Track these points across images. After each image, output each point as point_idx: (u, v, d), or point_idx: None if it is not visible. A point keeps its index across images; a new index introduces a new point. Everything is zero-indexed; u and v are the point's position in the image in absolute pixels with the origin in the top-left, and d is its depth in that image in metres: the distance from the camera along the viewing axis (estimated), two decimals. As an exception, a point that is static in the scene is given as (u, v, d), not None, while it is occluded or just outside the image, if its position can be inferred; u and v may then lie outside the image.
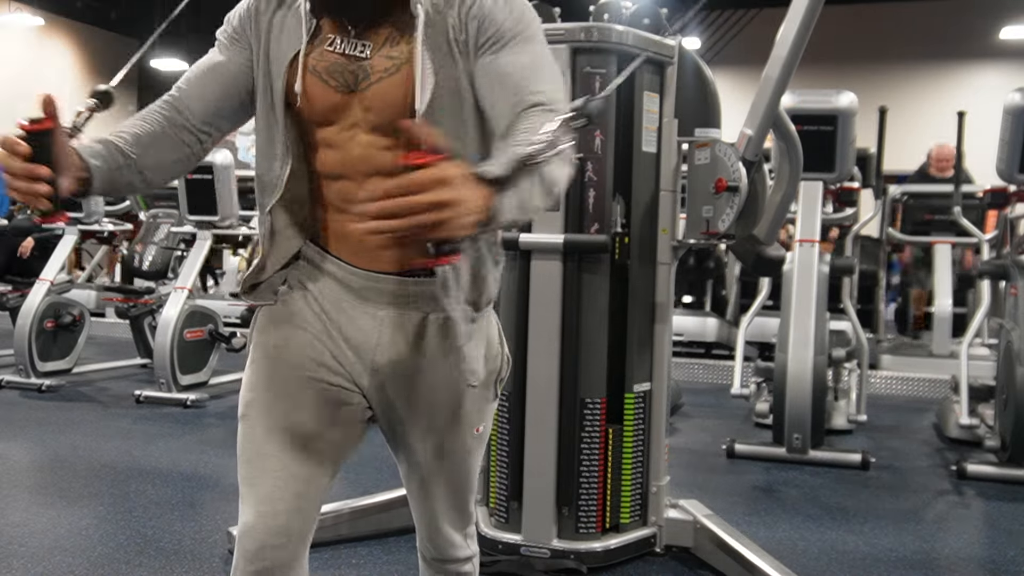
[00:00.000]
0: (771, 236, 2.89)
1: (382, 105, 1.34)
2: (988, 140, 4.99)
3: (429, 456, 1.48)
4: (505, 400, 2.82)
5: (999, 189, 5.15)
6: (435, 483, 1.51)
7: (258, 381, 1.43)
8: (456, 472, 1.51)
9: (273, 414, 1.40)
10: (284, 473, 1.38)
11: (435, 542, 1.57)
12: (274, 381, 1.42)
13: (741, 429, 4.87)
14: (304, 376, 1.41)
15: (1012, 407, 3.89)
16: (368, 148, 1.36)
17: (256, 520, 1.36)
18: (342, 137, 1.37)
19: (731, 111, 3.14)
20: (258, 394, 1.42)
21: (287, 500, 1.37)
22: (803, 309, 4.21)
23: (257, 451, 1.40)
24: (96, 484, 3.59)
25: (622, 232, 2.77)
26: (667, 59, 2.80)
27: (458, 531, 1.57)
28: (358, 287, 1.41)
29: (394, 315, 1.40)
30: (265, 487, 1.38)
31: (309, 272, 1.45)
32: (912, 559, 2.97)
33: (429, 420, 1.45)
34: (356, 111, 1.37)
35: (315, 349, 1.42)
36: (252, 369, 1.45)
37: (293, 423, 1.40)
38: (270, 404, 1.41)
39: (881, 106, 5.51)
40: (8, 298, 6.33)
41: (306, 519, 1.39)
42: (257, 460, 1.39)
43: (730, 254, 7.04)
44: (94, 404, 5.25)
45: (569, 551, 2.71)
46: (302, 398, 1.41)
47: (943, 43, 12.87)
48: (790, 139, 3.00)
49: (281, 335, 1.43)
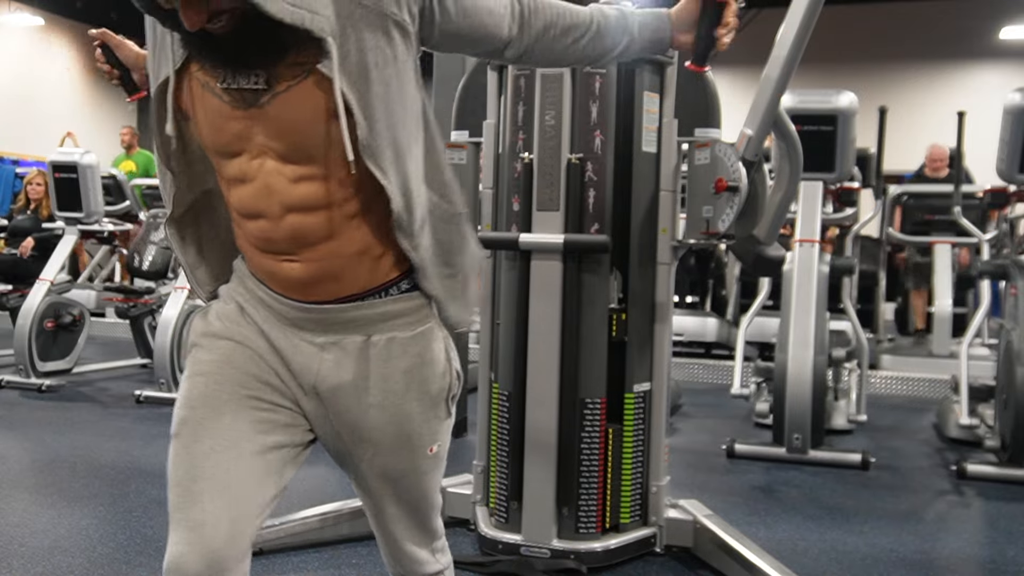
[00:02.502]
0: (771, 236, 2.89)
1: (293, 118, 1.22)
2: (988, 140, 4.99)
3: (380, 482, 1.43)
4: (505, 400, 2.82)
5: (999, 189, 5.15)
6: (390, 506, 1.45)
7: (194, 398, 1.33)
8: (411, 494, 1.45)
9: (209, 433, 1.30)
10: (219, 497, 1.28)
11: (400, 561, 1.52)
12: (211, 399, 1.32)
13: (741, 429, 4.87)
14: (244, 395, 1.33)
15: (1012, 407, 3.89)
16: (280, 179, 1.25)
17: (187, 549, 1.26)
18: (251, 168, 1.26)
19: (731, 111, 3.14)
20: (193, 412, 1.32)
21: (221, 527, 1.27)
22: (803, 309, 4.21)
23: (189, 473, 1.29)
24: (96, 484, 3.59)
25: (619, 308, 2.76)
26: (667, 59, 2.80)
27: (423, 548, 1.51)
28: (292, 317, 1.35)
29: (334, 340, 1.34)
30: (197, 514, 1.27)
31: (243, 292, 1.39)
32: (912, 559, 2.97)
33: (376, 445, 1.39)
34: (260, 136, 1.24)
35: (258, 366, 1.35)
36: (188, 384, 1.35)
37: (230, 443, 1.30)
38: (206, 422, 1.31)
39: (881, 106, 5.51)
40: (8, 298, 6.33)
41: (241, 546, 1.29)
42: (189, 483, 1.29)
43: (730, 254, 7.04)
44: (94, 404, 5.25)
45: (569, 551, 2.71)
46: (240, 417, 1.32)
47: (943, 43, 12.88)
48: (790, 139, 3.00)
49: (221, 352, 1.35)
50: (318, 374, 1.35)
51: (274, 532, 2.86)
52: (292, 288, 1.33)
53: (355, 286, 1.33)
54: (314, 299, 1.33)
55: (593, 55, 1.46)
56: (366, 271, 1.33)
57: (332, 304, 1.33)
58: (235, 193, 1.30)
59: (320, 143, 1.23)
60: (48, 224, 6.56)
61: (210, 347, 1.37)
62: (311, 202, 1.26)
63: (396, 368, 1.36)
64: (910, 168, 7.98)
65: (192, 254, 1.43)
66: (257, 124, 1.23)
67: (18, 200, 7.33)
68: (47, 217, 6.57)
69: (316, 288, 1.32)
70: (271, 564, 2.77)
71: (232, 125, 1.24)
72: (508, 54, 1.41)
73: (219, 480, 1.29)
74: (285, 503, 3.22)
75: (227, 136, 1.25)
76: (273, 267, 1.32)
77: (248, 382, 1.34)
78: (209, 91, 1.24)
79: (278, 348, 1.35)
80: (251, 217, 1.30)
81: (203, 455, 1.30)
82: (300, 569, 2.76)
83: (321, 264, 1.30)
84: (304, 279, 1.31)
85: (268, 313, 1.36)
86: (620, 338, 2.77)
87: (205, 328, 1.39)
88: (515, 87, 2.80)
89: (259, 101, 1.22)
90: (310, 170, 1.25)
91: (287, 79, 1.21)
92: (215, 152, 1.29)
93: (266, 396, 1.35)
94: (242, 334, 1.37)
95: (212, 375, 1.34)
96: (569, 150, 2.70)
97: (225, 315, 1.39)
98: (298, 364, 1.35)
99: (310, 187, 1.25)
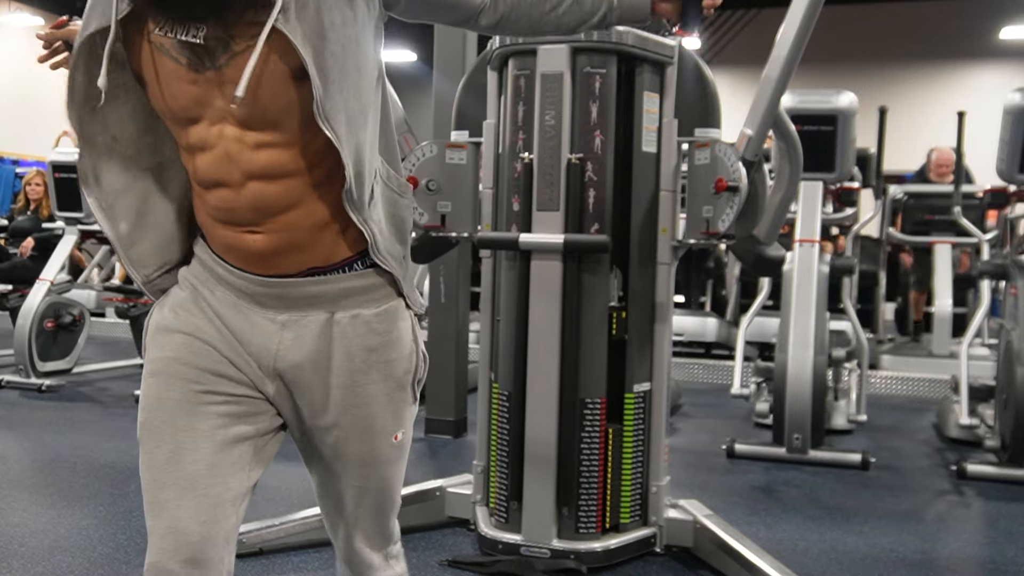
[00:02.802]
0: (771, 236, 2.89)
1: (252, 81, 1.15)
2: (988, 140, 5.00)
3: (342, 467, 1.38)
4: (505, 400, 2.82)
5: (999, 189, 5.16)
6: (350, 496, 1.41)
7: (150, 402, 1.31)
8: (374, 484, 1.40)
9: (166, 437, 1.28)
10: (186, 502, 1.26)
11: (352, 563, 1.47)
12: (165, 401, 1.29)
13: (741, 429, 4.87)
14: (197, 391, 1.29)
15: (1012, 407, 3.89)
16: (240, 146, 1.20)
17: (160, 557, 1.25)
18: (210, 135, 1.21)
19: (731, 111, 3.14)
20: (150, 415, 1.30)
21: (192, 531, 1.25)
22: (803, 309, 4.21)
23: (155, 480, 1.28)
24: (96, 484, 3.59)
25: (619, 307, 2.76)
26: (667, 59, 2.80)
27: (377, 551, 1.46)
28: (252, 292, 1.30)
29: (295, 317, 1.30)
30: (167, 520, 1.26)
31: (200, 273, 1.34)
32: (912, 559, 2.97)
33: (340, 428, 1.34)
34: (219, 100, 1.19)
35: (210, 359, 1.30)
36: (144, 387, 1.33)
37: (189, 445, 1.28)
38: (163, 427, 1.29)
39: (881, 106, 5.52)
40: (8, 298, 6.33)
41: (218, 546, 1.28)
42: (156, 490, 1.27)
43: (730, 254, 7.04)
44: (94, 404, 5.25)
45: (569, 551, 2.71)
46: (196, 416, 1.29)
47: (943, 43, 12.88)
48: (790, 139, 3.00)
49: (171, 349, 1.31)
50: (277, 353, 1.31)
51: (274, 532, 2.86)
52: (253, 261, 1.28)
53: (318, 258, 1.29)
54: (275, 272, 1.29)
55: (572, 23, 1.43)
56: (329, 244, 1.29)
57: (293, 278, 1.29)
58: (194, 162, 1.25)
59: (280, 107, 1.19)
60: (48, 224, 6.56)
61: (162, 344, 1.33)
62: (273, 170, 1.22)
63: (360, 346, 1.32)
64: (910, 168, 7.98)
65: (124, 230, 1.34)
66: (215, 88, 1.18)
67: (18, 200, 7.33)
68: (47, 217, 6.57)
69: (277, 260, 1.28)
70: (271, 564, 2.77)
71: (189, 89, 1.19)
72: (483, 22, 1.38)
73: (182, 485, 1.27)
74: (285, 503, 3.24)
75: (184, 100, 1.20)
76: (233, 240, 1.27)
77: (201, 377, 1.30)
78: (164, 53, 1.19)
79: (234, 331, 1.31)
80: (211, 187, 1.25)
81: (164, 461, 1.28)
82: (300, 569, 2.75)
83: (282, 236, 1.26)
84: (265, 251, 1.27)
85: (226, 291, 1.31)
86: (620, 336, 2.77)
87: (159, 321, 1.35)
88: (515, 87, 2.80)
89: (216, 63, 1.17)
90: (271, 136, 1.21)
91: (245, 39, 1.16)
92: (173, 119, 1.24)
93: (222, 389, 1.30)
94: (194, 324, 1.32)
95: (163, 375, 1.31)
96: (569, 150, 2.70)
97: (179, 303, 1.34)
98: (256, 345, 1.31)
99: (271, 154, 1.21)
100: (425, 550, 2.87)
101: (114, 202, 1.32)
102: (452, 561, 2.78)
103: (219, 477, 1.29)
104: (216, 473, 1.28)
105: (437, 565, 2.77)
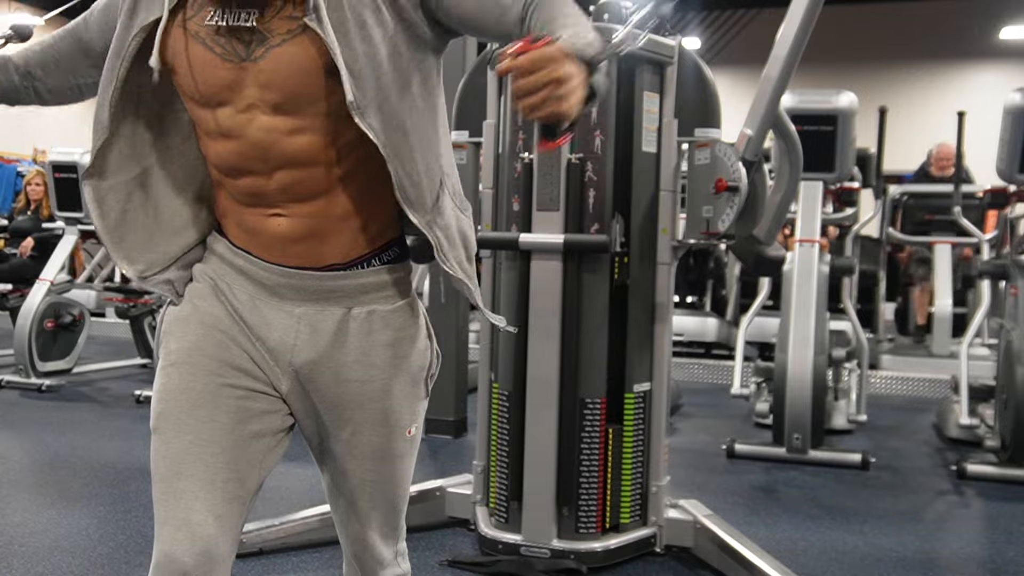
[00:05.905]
0: (771, 236, 2.89)
1: (287, 73, 1.19)
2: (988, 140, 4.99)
3: (356, 462, 1.38)
4: (505, 400, 2.82)
5: (999, 189, 5.15)
6: (363, 492, 1.41)
7: (169, 391, 1.30)
8: (387, 479, 1.41)
9: (187, 427, 1.27)
10: (203, 494, 1.25)
11: (362, 560, 1.46)
12: (186, 391, 1.29)
13: (741, 429, 4.87)
14: (219, 383, 1.29)
15: (1012, 407, 3.89)
16: (271, 134, 1.23)
17: (174, 548, 1.24)
18: (238, 122, 1.23)
19: (731, 111, 3.14)
20: (170, 405, 1.29)
21: (208, 524, 1.25)
22: (803, 309, 4.21)
23: (171, 469, 1.27)
24: (96, 484, 3.59)
25: (621, 252, 2.76)
26: (667, 59, 2.80)
27: (388, 547, 1.47)
28: (271, 284, 1.31)
29: (312, 312, 1.31)
30: (183, 512, 1.25)
31: (218, 268, 1.35)
32: (912, 559, 2.97)
33: (355, 423, 1.35)
34: (251, 88, 1.21)
35: (230, 352, 1.31)
36: (162, 377, 1.32)
37: (209, 437, 1.27)
38: (184, 416, 1.28)
39: (881, 106, 5.51)
40: (8, 298, 6.33)
41: (229, 542, 1.27)
42: (172, 480, 1.26)
43: (730, 254, 7.04)
44: (94, 404, 5.25)
45: (569, 551, 2.71)
46: (218, 408, 1.29)
47: (943, 43, 12.89)
48: (790, 139, 3.00)
49: (192, 339, 1.31)
50: (294, 348, 1.31)
51: (274, 532, 2.86)
52: (274, 248, 1.29)
53: (337, 252, 1.30)
54: (295, 263, 1.30)
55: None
56: (349, 238, 1.30)
57: (313, 271, 1.30)
58: (217, 148, 1.27)
59: (314, 98, 1.21)
60: (48, 224, 6.56)
61: (181, 334, 1.33)
62: (303, 158, 1.23)
63: (377, 342, 1.33)
64: (910, 168, 7.98)
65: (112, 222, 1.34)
66: (249, 75, 1.21)
67: (18, 200, 7.33)
68: (47, 217, 6.57)
69: (299, 247, 1.29)
70: (271, 564, 2.77)
71: (222, 74, 1.22)
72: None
73: (202, 476, 1.26)
74: (285, 503, 3.24)
75: (214, 85, 1.22)
76: (257, 223, 1.29)
77: (221, 370, 1.30)
78: (199, 42, 1.22)
79: (251, 326, 1.32)
80: (236, 174, 1.27)
81: (184, 450, 1.27)
82: (300, 569, 2.76)
83: (307, 221, 1.27)
84: (288, 235, 1.28)
85: (245, 283, 1.32)
86: (623, 280, 2.76)
87: (177, 312, 1.35)
88: (515, 87, 2.79)
89: (252, 55, 1.20)
90: (303, 122, 1.22)
91: (281, 32, 1.19)
92: (197, 102, 1.25)
93: (241, 383, 1.31)
94: (213, 316, 1.32)
95: (185, 365, 1.30)
96: (569, 150, 2.70)
97: (196, 294, 1.35)
98: (274, 340, 1.32)
99: (302, 140, 1.23)
100: (425, 550, 2.87)
101: (106, 194, 1.34)
102: (452, 561, 2.79)
103: (236, 472, 1.29)
104: (234, 468, 1.29)
105: (437, 565, 2.77)
